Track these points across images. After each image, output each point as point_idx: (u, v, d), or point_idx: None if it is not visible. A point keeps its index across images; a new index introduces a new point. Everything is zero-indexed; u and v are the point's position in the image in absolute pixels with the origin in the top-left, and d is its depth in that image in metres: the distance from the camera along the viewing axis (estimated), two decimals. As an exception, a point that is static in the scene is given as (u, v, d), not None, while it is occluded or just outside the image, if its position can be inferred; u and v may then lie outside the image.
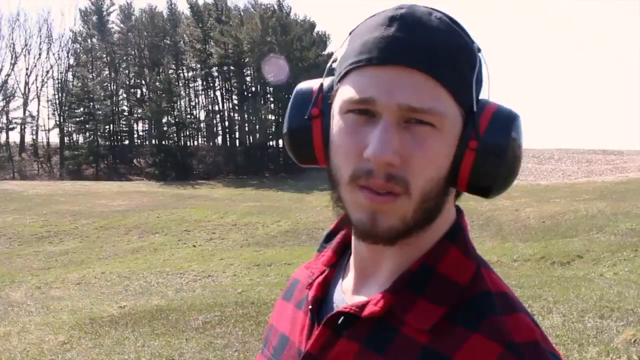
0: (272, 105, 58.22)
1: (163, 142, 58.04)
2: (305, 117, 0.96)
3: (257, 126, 59.46)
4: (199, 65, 62.42)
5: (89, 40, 66.47)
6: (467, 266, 0.92)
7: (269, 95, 58.94)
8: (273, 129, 57.04)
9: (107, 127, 62.49)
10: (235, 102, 61.31)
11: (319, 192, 36.58)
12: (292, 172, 49.92)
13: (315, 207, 28.15)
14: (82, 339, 8.43)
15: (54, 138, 65.01)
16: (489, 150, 0.89)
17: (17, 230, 23.52)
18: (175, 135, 59.95)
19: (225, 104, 62.88)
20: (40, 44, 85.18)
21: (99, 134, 61.23)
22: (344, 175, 0.89)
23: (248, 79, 60.27)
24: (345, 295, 1.00)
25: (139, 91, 65.78)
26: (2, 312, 10.97)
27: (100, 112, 60.81)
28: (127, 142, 63.73)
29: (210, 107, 64.09)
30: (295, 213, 25.84)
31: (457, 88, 0.87)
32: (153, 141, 60.60)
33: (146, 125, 63.89)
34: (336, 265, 1.07)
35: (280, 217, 24.22)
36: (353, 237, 0.99)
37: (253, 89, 60.19)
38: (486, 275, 0.92)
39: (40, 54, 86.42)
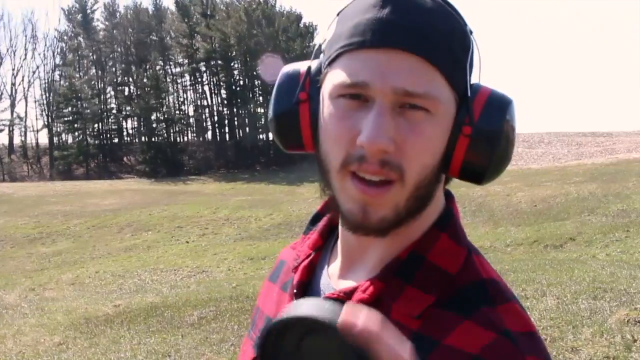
0: (261, 99, 58.15)
1: (153, 139, 57.91)
2: (293, 101, 0.93)
3: (247, 120, 59.39)
4: (186, 61, 62.26)
5: (74, 39, 66.18)
6: (457, 254, 0.90)
7: (257, 89, 58.85)
8: (262, 122, 57.00)
9: (96, 125, 62.35)
10: (224, 96, 61.21)
11: (310, 183, 36.58)
12: (283, 165, 49.94)
13: (307, 199, 28.16)
14: (77, 339, 8.44)
15: (43, 139, 64.89)
16: (483, 137, 0.87)
17: (9, 233, 23.45)
18: (164, 131, 59.84)
19: (214, 99, 62.84)
20: (25, 44, 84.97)
21: (88, 133, 61.05)
22: (333, 161, 0.86)
23: (236, 72, 60.16)
24: (331, 280, 0.97)
25: (126, 89, 65.60)
26: (-3, 315, 10.98)
27: (88, 111, 60.60)
28: (116, 140, 63.60)
29: (199, 102, 64.00)
30: (287, 205, 25.84)
31: (452, 72, 0.85)
32: (143, 138, 60.47)
33: (135, 123, 63.80)
34: (322, 249, 1.04)
35: (272, 210, 24.22)
36: (340, 223, 0.95)
37: (241, 82, 60.09)
38: (477, 263, 0.90)
39: (26, 55, 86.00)
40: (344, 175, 0.85)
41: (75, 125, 60.75)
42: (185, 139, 63.72)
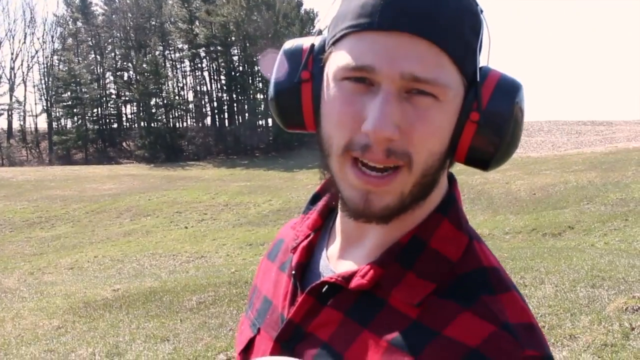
0: (261, 85, 58.02)
1: (152, 125, 57.81)
2: (295, 80, 0.90)
3: (246, 106, 59.29)
4: (186, 46, 62.06)
5: (72, 24, 65.96)
6: (458, 240, 0.88)
7: (257, 75, 58.71)
8: (262, 109, 56.91)
9: (95, 110, 62.22)
10: (224, 82, 61.06)
11: (309, 170, 36.59)
12: (282, 152, 49.91)
13: (306, 185, 28.16)
14: (76, 322, 8.46)
15: (42, 123, 64.78)
16: (491, 124, 0.84)
17: (7, 217, 23.47)
18: (164, 117, 59.72)
19: (213, 85, 62.66)
20: (24, 28, 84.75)
21: (87, 118, 60.94)
22: (335, 145, 0.83)
23: (235, 58, 60.01)
24: (330, 262, 0.96)
25: (125, 74, 65.38)
26: (-4, 298, 11.00)
27: (87, 95, 60.48)
28: (115, 125, 63.49)
29: (198, 88, 63.82)
30: (286, 192, 25.85)
31: (462, 57, 0.82)
32: (142, 123, 60.36)
33: (134, 108, 63.62)
34: (321, 229, 1.02)
35: (271, 196, 24.24)
36: (340, 207, 0.93)
37: (241, 68, 59.93)
38: (479, 250, 0.88)
39: (25, 39, 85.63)
40: (345, 160, 0.83)
41: (75, 110, 60.64)
42: (185, 124, 63.62)
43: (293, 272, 0.97)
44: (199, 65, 62.90)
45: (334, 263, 0.95)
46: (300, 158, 44.20)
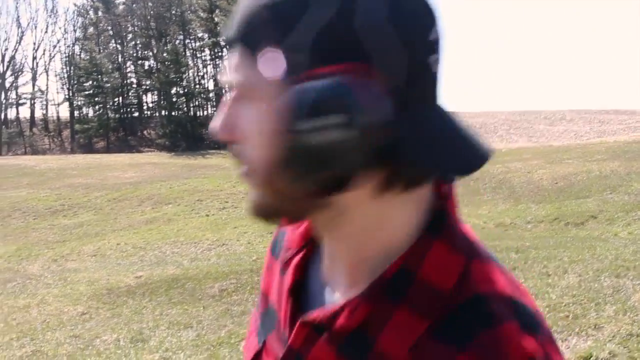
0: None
1: (172, 113, 58.10)
2: None
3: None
4: (206, 35, 62.18)
5: (93, 13, 66.30)
6: (452, 265, 0.76)
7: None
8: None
9: (116, 99, 62.60)
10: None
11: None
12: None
13: None
14: (100, 309, 8.57)
15: (64, 112, 65.31)
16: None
17: (31, 205, 23.72)
18: (184, 105, 59.95)
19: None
20: (46, 18, 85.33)
21: (108, 106, 61.34)
22: None
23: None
24: (327, 278, 0.87)
25: (146, 63, 65.68)
26: (21, 284, 11.16)
27: (108, 84, 60.84)
28: (136, 114, 63.86)
29: (218, 77, 63.95)
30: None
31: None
32: (162, 112, 60.68)
33: (155, 97, 63.94)
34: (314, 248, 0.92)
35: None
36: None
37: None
38: (477, 272, 0.76)
39: (47, 28, 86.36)
40: None
41: (96, 99, 61.04)
42: (205, 113, 63.78)
43: (288, 294, 0.90)
44: (219, 54, 63.01)
45: (329, 281, 0.86)
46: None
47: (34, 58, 69.08)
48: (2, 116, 64.60)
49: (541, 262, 8.14)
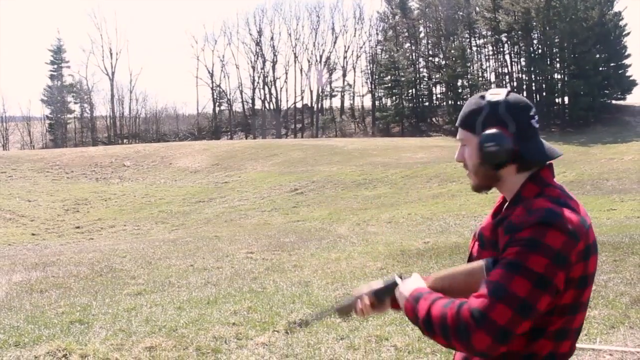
0: (558, 65, 54.87)
1: (458, 102, 57.82)
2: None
3: (543, 85, 56.57)
4: (489, 33, 60.76)
5: (392, 18, 68.00)
6: (534, 189, 1.67)
7: (555, 56, 55.57)
8: (559, 87, 53.90)
9: (410, 91, 63.81)
10: (523, 64, 58.76)
11: (604, 145, 33.99)
12: (577, 127, 46.92)
13: (599, 160, 26.28)
14: (395, 266, 8.95)
15: (367, 102, 68.15)
16: (481, 150, 1.69)
17: (340, 178, 25.24)
18: (469, 96, 59.25)
19: (513, 66, 60.65)
20: (354, 24, 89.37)
21: (403, 97, 62.77)
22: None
23: (535, 42, 57.31)
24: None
25: (436, 59, 65.98)
26: (332, 242, 12.00)
27: (404, 79, 62.22)
28: (427, 103, 64.56)
29: (499, 70, 62.21)
30: (580, 165, 24.40)
31: (469, 128, 1.73)
32: (449, 102, 60.70)
33: (443, 88, 64.08)
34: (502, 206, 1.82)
35: (565, 168, 23.05)
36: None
37: (539, 51, 57.14)
38: (544, 189, 1.66)
39: (355, 33, 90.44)
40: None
41: (393, 91, 62.79)
42: (485, 103, 62.37)
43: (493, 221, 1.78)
44: (501, 49, 61.24)
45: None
46: (595, 134, 41.21)
47: (345, 57, 72.94)
48: (319, 105, 69.30)
49: None
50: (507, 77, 60.52)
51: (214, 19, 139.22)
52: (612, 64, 51.21)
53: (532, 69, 56.74)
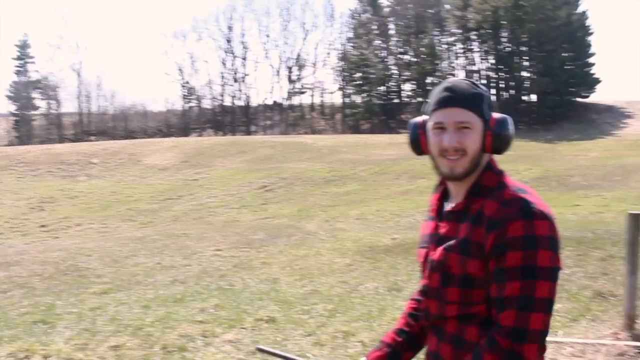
0: (526, 63, 55.53)
1: (427, 100, 58.14)
2: (418, 133, 1.80)
3: (512, 83, 57.20)
4: (459, 31, 61.23)
5: (363, 15, 68.14)
6: (495, 178, 1.69)
7: (523, 54, 56.23)
8: (527, 85, 54.59)
9: (380, 88, 64.02)
10: (492, 62, 59.33)
11: (569, 142, 34.53)
12: (545, 124, 47.56)
13: (565, 156, 26.68)
14: (363, 262, 9.00)
15: (337, 99, 68.21)
16: (497, 135, 1.68)
17: (309, 175, 25.24)
18: (437, 93, 59.58)
19: (482, 64, 61.20)
20: (324, 21, 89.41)
21: (373, 94, 62.97)
22: (435, 153, 1.71)
23: (504, 40, 57.90)
24: (448, 207, 1.76)
25: (406, 56, 66.29)
26: (301, 238, 12.00)
27: (373, 76, 62.41)
28: (396, 100, 64.84)
29: (468, 68, 62.75)
30: (545, 161, 24.76)
31: (477, 110, 1.67)
32: (419, 99, 61.08)
33: (412, 85, 64.42)
34: (443, 198, 1.83)
35: (532, 164, 23.37)
36: (447, 181, 1.77)
37: (508, 49, 57.73)
38: (503, 179, 1.68)
39: (325, 30, 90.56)
40: (440, 158, 1.70)
41: (363, 88, 62.94)
42: (455, 99, 62.80)
43: (435, 217, 1.82)
44: (470, 47, 61.78)
45: (450, 207, 1.75)
46: (562, 131, 41.85)
47: (315, 55, 72.88)
48: (289, 102, 69.23)
49: None
50: (476, 74, 61.08)
51: (184, 15, 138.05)
52: (577, 63, 52.00)
53: (500, 66, 57.34)
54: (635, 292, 5.24)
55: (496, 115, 1.70)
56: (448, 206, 1.77)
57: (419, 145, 1.81)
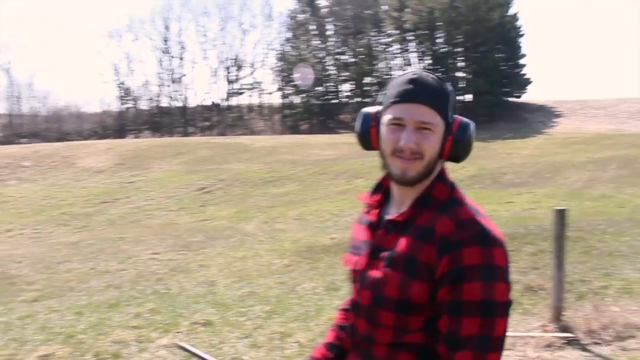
0: (462, 64, 56.71)
1: (365, 100, 58.72)
2: (369, 126, 1.60)
3: (448, 83, 58.19)
4: (396, 32, 62.02)
5: (301, 16, 68.26)
6: (447, 190, 1.53)
7: (459, 55, 57.39)
8: (463, 85, 55.73)
9: (318, 88, 64.21)
10: (428, 62, 60.32)
11: (503, 140, 35.44)
12: (479, 124, 48.51)
13: (499, 154, 27.38)
14: (301, 262, 9.01)
15: (276, 100, 68.09)
16: (458, 142, 1.53)
17: (248, 176, 25.09)
18: (375, 93, 60.31)
19: (419, 65, 62.11)
20: (263, 21, 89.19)
21: (311, 95, 63.11)
22: (387, 151, 1.53)
23: (440, 41, 58.96)
24: (389, 215, 1.58)
25: (343, 57, 66.71)
26: (240, 240, 11.93)
27: (312, 76, 62.61)
28: (335, 101, 65.18)
29: (405, 68, 63.64)
30: (480, 160, 25.34)
31: (441, 111, 1.51)
32: (357, 99, 61.58)
33: (351, 86, 64.90)
34: (384, 202, 1.65)
35: (466, 163, 23.83)
36: (392, 184, 1.59)
37: (445, 49, 58.80)
38: (455, 193, 1.52)
39: (263, 30, 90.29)
40: (393, 157, 1.52)
41: (301, 89, 63.07)
42: (393, 100, 63.51)
43: (372, 224, 1.61)
44: (407, 48, 62.66)
45: (392, 215, 1.57)
46: (497, 130, 42.87)
47: (253, 55, 72.56)
48: (227, 103, 68.72)
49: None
50: (412, 75, 61.80)
51: (119, 14, 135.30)
52: (510, 63, 53.42)
53: (437, 67, 58.36)
54: (562, 285, 5.43)
55: (459, 119, 1.54)
56: (390, 213, 1.57)
57: (368, 139, 1.60)
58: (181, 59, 70.25)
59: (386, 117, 1.53)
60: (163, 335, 5.47)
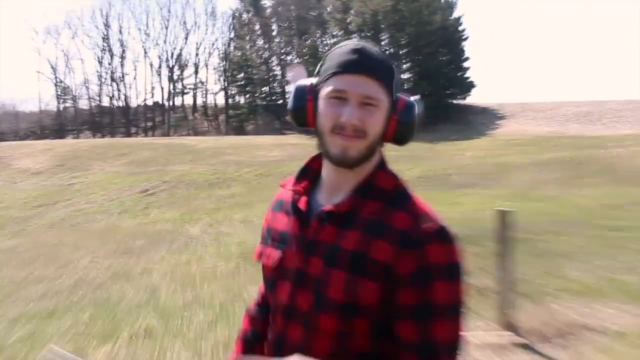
0: (408, 66, 57.39)
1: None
2: (305, 100, 1.42)
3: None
4: (340, 33, 62.33)
5: (245, 16, 67.94)
6: (391, 180, 1.39)
7: (402, 57, 58.06)
8: (409, 87, 56.34)
9: (264, 89, 64.04)
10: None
11: (447, 142, 35.96)
12: (426, 125, 49.17)
13: (444, 156, 27.75)
14: (247, 266, 8.86)
15: (220, 100, 67.55)
16: (402, 122, 1.38)
17: (193, 178, 24.73)
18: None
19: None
20: (206, 21, 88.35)
21: (256, 95, 62.91)
22: (326, 128, 1.36)
23: (384, 43, 59.55)
24: (322, 203, 1.42)
25: (289, 57, 66.73)
26: (184, 243, 11.70)
27: (257, 76, 62.38)
28: (280, 101, 65.13)
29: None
30: (426, 161, 25.63)
31: (387, 86, 1.36)
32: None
33: (296, 87, 64.92)
34: (312, 188, 1.48)
35: (413, 164, 24.10)
36: (326, 167, 1.43)
37: (390, 51, 59.43)
38: (400, 182, 1.39)
39: (207, 30, 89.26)
40: (332, 135, 1.34)
41: (247, 89, 62.81)
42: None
43: (302, 212, 1.43)
44: (352, 49, 63.00)
45: (325, 203, 1.41)
46: (442, 132, 43.51)
47: (197, 54, 71.85)
48: (171, 103, 67.69)
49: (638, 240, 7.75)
50: (357, 76, 62.33)
51: (57, 9, 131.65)
52: (453, 67, 54.32)
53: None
54: (507, 284, 5.48)
55: (405, 97, 1.39)
56: (320, 201, 1.42)
57: (304, 114, 1.41)
58: (122, 57, 68.96)
59: (326, 90, 1.36)
60: (101, 345, 5.27)
